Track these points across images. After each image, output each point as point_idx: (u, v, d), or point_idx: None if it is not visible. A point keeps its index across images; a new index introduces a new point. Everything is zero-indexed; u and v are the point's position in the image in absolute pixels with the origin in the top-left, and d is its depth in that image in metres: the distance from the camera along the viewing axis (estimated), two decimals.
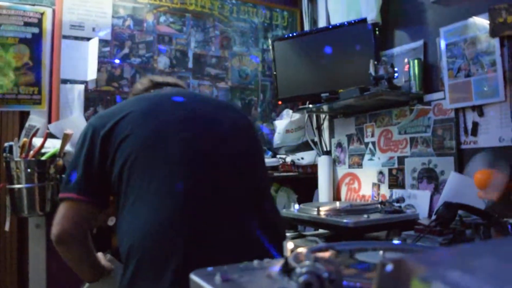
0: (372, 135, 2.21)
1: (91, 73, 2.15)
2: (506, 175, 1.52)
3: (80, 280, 2.02)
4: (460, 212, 1.42)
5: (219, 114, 1.20)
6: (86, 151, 1.10)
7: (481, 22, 1.72)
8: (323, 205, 1.87)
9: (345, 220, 1.60)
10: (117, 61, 2.24)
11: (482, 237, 1.21)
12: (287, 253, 0.73)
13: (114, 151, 1.08)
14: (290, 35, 2.47)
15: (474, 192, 1.61)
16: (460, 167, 1.77)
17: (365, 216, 1.66)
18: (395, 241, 0.85)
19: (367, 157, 2.25)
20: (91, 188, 1.09)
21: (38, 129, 1.91)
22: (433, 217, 1.78)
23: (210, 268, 0.68)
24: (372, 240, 1.73)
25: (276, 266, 0.71)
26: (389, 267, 0.39)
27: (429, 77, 1.94)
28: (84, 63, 2.16)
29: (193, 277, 0.66)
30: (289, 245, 0.74)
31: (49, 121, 2.06)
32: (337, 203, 1.91)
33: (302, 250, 0.72)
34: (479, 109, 1.72)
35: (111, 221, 2.13)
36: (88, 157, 1.10)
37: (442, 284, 0.33)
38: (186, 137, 1.10)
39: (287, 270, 0.62)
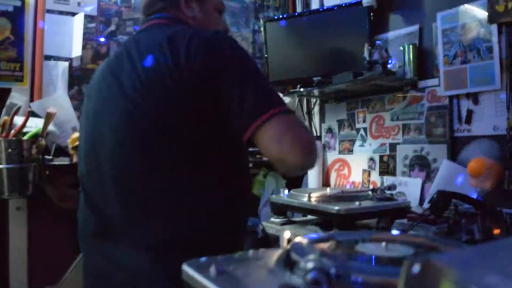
0: (364, 121, 2.18)
1: (76, 50, 2.07)
2: (500, 164, 1.51)
3: (63, 260, 1.97)
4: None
5: (107, 111, 1.02)
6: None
7: (479, 8, 1.68)
8: (314, 191, 1.83)
9: (336, 207, 1.58)
10: (102, 39, 2.16)
11: (480, 227, 1.19)
12: (284, 242, 0.70)
13: None
14: (282, 16, 2.41)
15: (466, 181, 1.59)
16: (453, 155, 1.76)
17: (357, 203, 1.63)
18: (394, 231, 0.81)
19: (358, 143, 2.22)
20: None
21: (19, 108, 1.82)
22: (425, 205, 1.77)
23: (203, 258, 0.63)
24: (367, 229, 1.71)
25: (273, 256, 0.68)
26: (416, 268, 0.35)
27: (424, 63, 1.90)
28: (69, 39, 2.08)
29: (186, 268, 0.62)
30: (286, 234, 0.70)
31: (31, 99, 1.98)
32: (328, 190, 1.88)
33: (301, 240, 0.68)
34: (474, 97, 1.69)
35: None
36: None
37: None
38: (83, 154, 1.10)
39: (289, 263, 0.59)
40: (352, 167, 2.25)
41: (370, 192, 1.78)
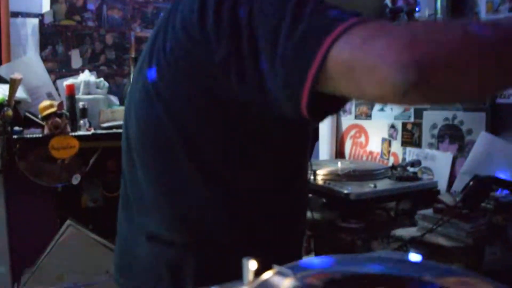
0: None
1: (47, 4, 1.79)
2: None
3: (45, 239, 1.83)
4: None
5: (131, 114, 0.85)
6: None
7: None
8: (322, 165, 1.56)
9: (345, 191, 1.32)
10: None
11: None
12: (248, 276, 0.43)
13: None
14: None
15: (510, 159, 1.29)
16: (493, 127, 1.43)
17: (371, 185, 1.37)
18: (413, 255, 0.54)
19: (377, 106, 1.91)
20: None
21: None
22: (454, 188, 1.48)
23: None
24: (384, 213, 1.44)
25: None
26: None
27: (461, 10, 1.55)
28: None
29: None
30: (251, 264, 0.44)
31: None
32: (339, 164, 1.60)
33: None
34: None
35: (75, 180, 1.86)
36: None
37: None
38: None
39: None
40: (370, 134, 1.95)
41: (389, 170, 1.51)
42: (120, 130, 1.79)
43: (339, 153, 2.10)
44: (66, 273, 1.84)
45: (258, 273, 0.50)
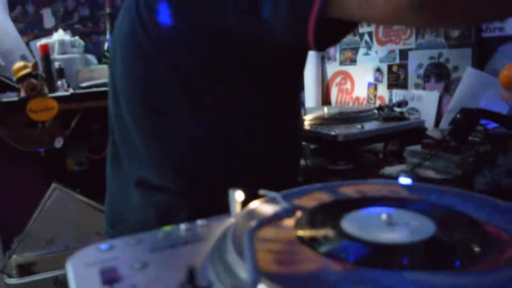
0: (369, 24, 1.81)
1: None
2: None
3: (33, 199, 1.80)
4: None
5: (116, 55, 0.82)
6: None
7: None
8: (308, 112, 1.55)
9: (333, 133, 1.30)
10: None
11: None
12: (236, 207, 0.42)
13: None
14: None
15: (496, 93, 1.28)
16: (479, 62, 1.41)
17: (358, 126, 1.35)
18: (403, 179, 0.53)
19: (362, 51, 1.87)
20: None
21: None
22: (442, 125, 1.48)
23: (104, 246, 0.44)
24: (372, 155, 1.44)
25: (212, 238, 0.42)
26: None
27: None
28: None
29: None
30: (237, 195, 0.43)
31: None
32: (325, 109, 1.58)
33: (245, 223, 0.40)
34: None
35: (58, 143, 1.82)
36: None
37: None
38: None
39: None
40: (356, 80, 1.92)
41: (375, 111, 1.49)
42: (100, 89, 1.74)
43: (325, 102, 2.08)
44: (56, 237, 1.83)
45: (246, 204, 0.49)
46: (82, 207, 1.80)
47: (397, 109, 1.47)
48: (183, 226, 0.47)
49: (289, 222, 0.41)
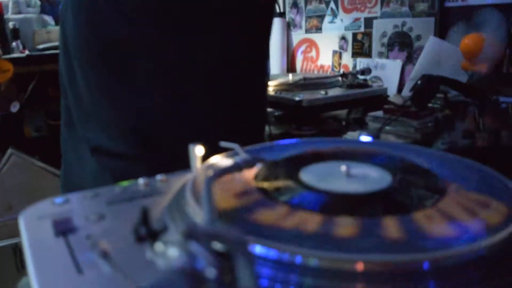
0: None
1: None
2: (501, 41, 1.21)
3: None
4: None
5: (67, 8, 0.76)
6: None
7: None
8: (273, 78, 1.54)
9: (297, 98, 1.31)
10: None
11: (478, 119, 0.92)
12: (196, 162, 0.41)
13: None
14: None
15: (457, 62, 1.30)
16: (441, 31, 1.43)
17: (322, 92, 1.37)
18: (364, 137, 0.53)
19: (327, 19, 1.87)
20: None
21: None
22: (405, 92, 1.50)
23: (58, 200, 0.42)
24: (335, 122, 1.45)
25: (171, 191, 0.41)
26: None
27: None
28: None
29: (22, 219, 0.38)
30: (198, 150, 0.42)
31: None
32: (290, 76, 1.58)
33: (206, 171, 0.40)
34: None
35: (14, 107, 1.75)
36: None
37: None
38: None
39: (150, 233, 0.31)
40: (321, 48, 1.92)
41: (339, 78, 1.51)
42: (57, 51, 1.66)
43: (290, 69, 2.08)
44: (14, 205, 1.78)
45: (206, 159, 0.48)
46: (40, 173, 1.75)
47: (361, 77, 1.49)
48: (141, 181, 0.46)
49: (250, 173, 0.41)
